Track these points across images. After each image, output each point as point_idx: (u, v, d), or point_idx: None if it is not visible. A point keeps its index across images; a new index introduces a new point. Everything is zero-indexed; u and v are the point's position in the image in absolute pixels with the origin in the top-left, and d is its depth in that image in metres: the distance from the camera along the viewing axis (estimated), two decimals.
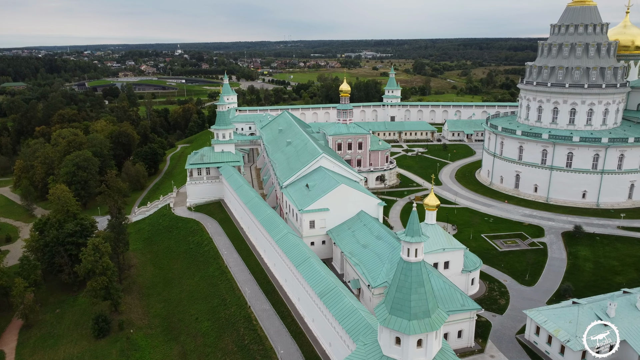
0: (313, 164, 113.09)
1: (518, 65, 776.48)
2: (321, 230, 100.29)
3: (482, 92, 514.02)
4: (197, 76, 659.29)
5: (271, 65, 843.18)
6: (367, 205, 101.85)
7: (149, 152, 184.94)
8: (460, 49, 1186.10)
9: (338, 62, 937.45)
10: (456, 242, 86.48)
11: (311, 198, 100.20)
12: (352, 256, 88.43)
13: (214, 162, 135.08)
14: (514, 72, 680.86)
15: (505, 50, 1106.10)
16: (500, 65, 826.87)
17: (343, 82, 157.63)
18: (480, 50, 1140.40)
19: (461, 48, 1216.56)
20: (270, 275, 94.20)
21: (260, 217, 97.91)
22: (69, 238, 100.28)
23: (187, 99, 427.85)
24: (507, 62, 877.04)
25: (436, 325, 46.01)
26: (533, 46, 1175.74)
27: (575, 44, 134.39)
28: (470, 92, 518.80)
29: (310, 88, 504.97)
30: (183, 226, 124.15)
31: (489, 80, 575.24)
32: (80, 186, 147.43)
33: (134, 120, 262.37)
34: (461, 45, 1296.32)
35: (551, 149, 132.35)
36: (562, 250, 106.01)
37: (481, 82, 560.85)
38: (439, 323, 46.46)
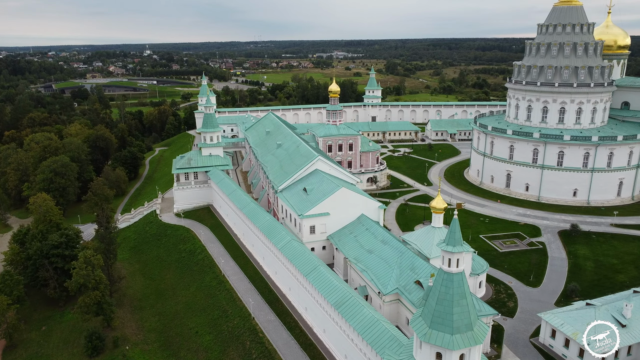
0: (309, 167, 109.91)
1: (487, 65, 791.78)
2: (322, 236, 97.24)
3: (455, 91, 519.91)
4: (168, 77, 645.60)
5: (243, 66, 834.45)
6: (368, 208, 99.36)
7: (129, 156, 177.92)
8: (430, 49, 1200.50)
9: (310, 62, 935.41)
10: (465, 245, 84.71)
11: (311, 202, 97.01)
12: (357, 262, 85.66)
13: (201, 166, 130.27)
14: (484, 72, 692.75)
15: (474, 50, 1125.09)
16: (470, 64, 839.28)
17: (332, 82, 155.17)
18: (449, 50, 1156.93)
19: (431, 48, 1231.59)
20: (272, 283, 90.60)
21: (259, 223, 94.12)
22: (54, 250, 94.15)
23: (160, 100, 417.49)
24: (477, 61, 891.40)
25: (479, 338, 43.67)
26: (501, 46, 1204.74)
27: (563, 44, 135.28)
28: (444, 91, 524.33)
29: (286, 88, 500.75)
30: (172, 234, 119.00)
31: (461, 80, 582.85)
32: (59, 193, 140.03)
33: (108, 123, 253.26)
34: (430, 45, 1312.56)
35: (542, 148, 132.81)
36: (561, 250, 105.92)
37: (453, 82, 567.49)
38: (482, 336, 44.14)
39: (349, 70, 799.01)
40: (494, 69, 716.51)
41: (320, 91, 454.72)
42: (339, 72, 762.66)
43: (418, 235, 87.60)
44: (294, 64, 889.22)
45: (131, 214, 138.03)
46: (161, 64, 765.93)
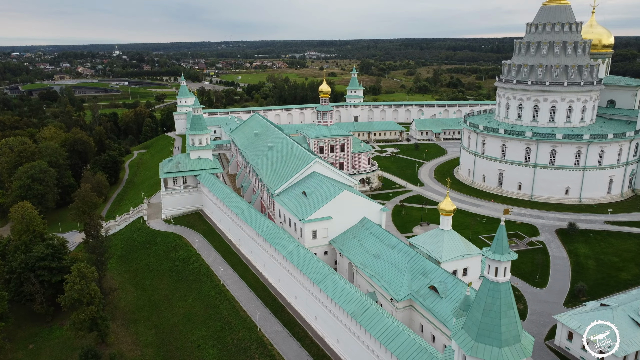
0: (306, 170, 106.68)
1: (459, 65, 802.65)
2: (324, 240, 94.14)
3: (431, 91, 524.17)
4: (140, 78, 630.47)
5: (216, 66, 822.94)
6: (370, 211, 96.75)
7: (109, 160, 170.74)
8: (401, 49, 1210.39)
9: (284, 62, 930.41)
10: (474, 248, 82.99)
11: (312, 206, 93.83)
12: (365, 267, 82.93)
13: (191, 169, 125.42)
14: (456, 72, 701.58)
15: (445, 50, 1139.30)
16: (443, 64, 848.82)
17: (324, 83, 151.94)
18: (421, 50, 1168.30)
19: (402, 48, 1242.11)
20: (275, 292, 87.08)
21: (260, 229, 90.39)
22: (39, 262, 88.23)
23: (134, 101, 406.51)
24: (448, 61, 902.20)
25: (528, 350, 41.51)
26: (471, 46, 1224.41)
27: (553, 43, 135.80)
28: (420, 91, 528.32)
29: (262, 89, 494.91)
30: (163, 241, 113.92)
31: (435, 80, 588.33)
32: (37, 200, 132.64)
33: (82, 126, 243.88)
34: (402, 45, 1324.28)
35: (535, 146, 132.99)
36: (561, 249, 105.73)
37: (428, 81, 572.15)
38: (530, 348, 42.00)
39: (322, 70, 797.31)
40: (466, 69, 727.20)
41: (298, 91, 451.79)
42: (313, 72, 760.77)
43: (426, 239, 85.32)
44: (268, 64, 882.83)
45: (116, 221, 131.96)
46: (132, 65, 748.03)
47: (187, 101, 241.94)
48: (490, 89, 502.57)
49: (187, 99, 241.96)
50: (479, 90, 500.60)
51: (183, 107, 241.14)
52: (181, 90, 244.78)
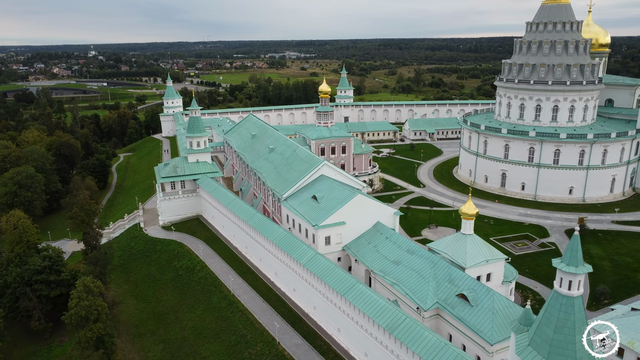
0: (314, 173, 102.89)
1: (439, 64, 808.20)
2: (337, 247, 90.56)
3: (414, 90, 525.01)
4: (118, 78, 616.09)
5: (196, 67, 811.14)
6: (383, 215, 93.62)
7: (97, 164, 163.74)
8: (381, 49, 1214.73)
9: (264, 62, 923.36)
10: (497, 252, 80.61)
11: (325, 211, 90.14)
12: (385, 274, 79.64)
13: (189, 173, 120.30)
14: (437, 71, 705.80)
15: (424, 50, 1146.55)
16: (422, 64, 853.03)
17: (324, 83, 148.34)
18: (400, 50, 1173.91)
19: (382, 48, 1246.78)
20: (291, 302, 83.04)
21: (273, 236, 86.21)
22: (36, 276, 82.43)
23: (114, 103, 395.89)
24: (428, 61, 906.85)
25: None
26: (449, 46, 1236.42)
27: (555, 42, 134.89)
28: (403, 90, 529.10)
29: (245, 89, 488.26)
30: (163, 249, 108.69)
31: (417, 79, 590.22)
32: (24, 208, 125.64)
33: (64, 128, 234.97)
34: (381, 45, 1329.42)
35: (538, 146, 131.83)
36: None
37: (410, 81, 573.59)
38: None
39: (304, 70, 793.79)
40: (447, 69, 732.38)
41: (282, 92, 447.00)
42: (295, 72, 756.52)
43: (447, 243, 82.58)
44: (248, 65, 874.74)
45: (110, 228, 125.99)
46: (109, 65, 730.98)
47: (174, 102, 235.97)
48: (472, 88, 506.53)
49: (173, 100, 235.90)
50: (462, 90, 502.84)
51: (170, 109, 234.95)
52: (167, 91, 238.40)
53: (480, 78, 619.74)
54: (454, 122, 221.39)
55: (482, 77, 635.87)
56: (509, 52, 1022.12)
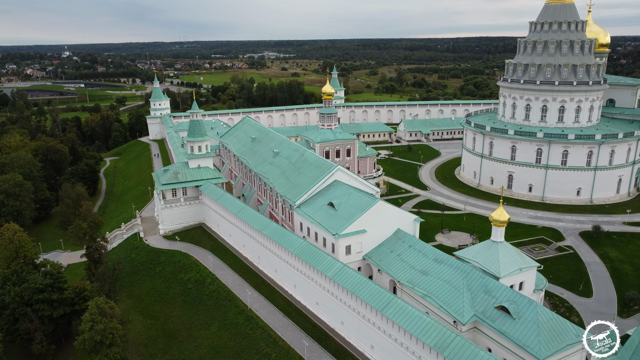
0: (327, 178, 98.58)
1: (419, 64, 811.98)
2: (357, 256, 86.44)
3: (397, 90, 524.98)
4: (95, 80, 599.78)
5: (175, 67, 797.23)
6: (403, 222, 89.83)
7: (87, 169, 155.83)
8: (360, 49, 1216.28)
9: (244, 62, 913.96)
10: (528, 260, 77.74)
11: (345, 219, 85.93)
12: (413, 286, 75.78)
13: (192, 180, 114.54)
14: (417, 71, 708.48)
15: (402, 50, 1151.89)
16: (402, 64, 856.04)
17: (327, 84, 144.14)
18: (379, 50, 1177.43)
19: (360, 48, 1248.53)
20: (314, 317, 78.52)
21: (292, 247, 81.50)
22: (38, 295, 75.98)
23: (93, 105, 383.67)
24: (407, 61, 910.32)
25: None
26: (427, 46, 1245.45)
27: (561, 42, 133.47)
28: (387, 91, 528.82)
29: (228, 90, 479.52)
30: (167, 260, 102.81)
31: (399, 79, 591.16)
32: (13, 218, 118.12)
33: (45, 132, 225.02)
34: (360, 45, 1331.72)
35: (546, 147, 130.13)
36: (592, 253, 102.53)
37: (392, 81, 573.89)
38: None
39: (285, 70, 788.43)
40: (427, 68, 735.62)
41: (267, 92, 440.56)
42: (276, 72, 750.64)
43: (477, 252, 79.24)
44: (228, 65, 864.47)
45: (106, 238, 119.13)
46: (85, 66, 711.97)
47: (162, 104, 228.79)
48: (455, 88, 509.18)
49: (161, 102, 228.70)
50: (445, 90, 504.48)
51: (157, 111, 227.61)
52: (154, 93, 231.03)
53: (461, 78, 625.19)
54: (449, 123, 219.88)
55: (462, 76, 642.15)
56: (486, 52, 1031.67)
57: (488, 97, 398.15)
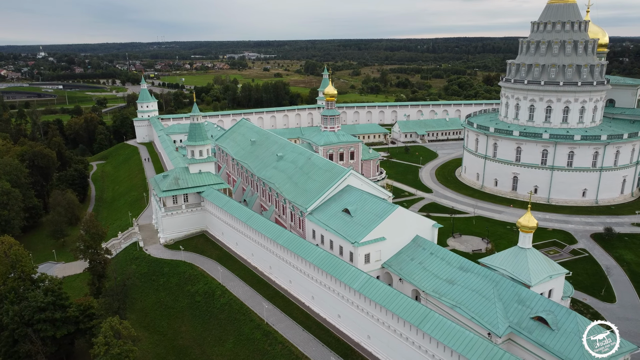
0: (340, 183, 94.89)
1: (400, 65, 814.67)
2: (376, 264, 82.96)
3: (382, 91, 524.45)
4: (74, 81, 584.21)
5: (155, 68, 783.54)
6: (422, 228, 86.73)
7: (76, 175, 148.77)
8: (340, 50, 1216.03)
9: (225, 63, 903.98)
10: (557, 266, 75.27)
11: (363, 227, 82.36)
12: (440, 296, 72.58)
13: (194, 186, 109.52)
14: (399, 71, 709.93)
15: (383, 50, 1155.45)
16: (384, 64, 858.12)
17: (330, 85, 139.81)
18: (360, 51, 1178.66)
19: (341, 49, 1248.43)
20: (336, 330, 74.61)
21: (311, 257, 77.49)
22: (39, 314, 70.45)
23: (73, 107, 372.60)
24: (389, 61, 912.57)
25: None
26: (407, 46, 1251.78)
27: (565, 42, 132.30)
28: (372, 91, 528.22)
29: (212, 91, 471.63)
30: (171, 271, 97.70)
31: (383, 80, 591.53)
32: (1, 228, 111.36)
33: (27, 135, 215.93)
34: (340, 46, 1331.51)
35: (552, 148, 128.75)
36: (606, 256, 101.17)
37: (376, 82, 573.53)
38: None
39: (267, 71, 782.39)
40: (409, 69, 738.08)
41: (252, 94, 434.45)
42: (258, 73, 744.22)
43: (504, 259, 76.40)
44: (209, 65, 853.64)
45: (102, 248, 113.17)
46: (62, 67, 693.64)
47: (149, 106, 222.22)
48: (439, 88, 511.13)
49: (148, 104, 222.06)
50: (430, 90, 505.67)
51: (144, 113, 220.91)
52: (141, 95, 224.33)
53: (444, 78, 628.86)
54: (443, 124, 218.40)
55: (445, 76, 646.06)
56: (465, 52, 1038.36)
57: (473, 97, 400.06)
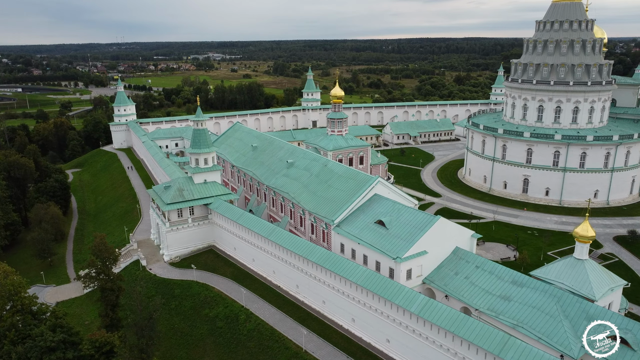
0: (368, 192, 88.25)
1: (367, 65, 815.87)
2: (417, 280, 76.85)
3: (355, 91, 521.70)
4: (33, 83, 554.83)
5: (118, 69, 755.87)
6: (461, 239, 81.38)
7: (57, 186, 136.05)
8: (306, 50, 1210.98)
9: (191, 64, 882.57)
10: (616, 277, 71.15)
11: (404, 240, 76.05)
12: (497, 314, 67.04)
13: (200, 197, 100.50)
14: (369, 72, 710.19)
15: (349, 51, 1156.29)
16: (351, 65, 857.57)
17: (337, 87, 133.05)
18: (326, 51, 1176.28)
19: (307, 49, 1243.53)
20: (385, 356, 67.87)
21: (354, 276, 70.42)
22: (48, 355, 60.58)
23: (36, 111, 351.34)
24: (356, 62, 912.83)
25: None
26: (372, 47, 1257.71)
27: (573, 41, 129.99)
28: (345, 92, 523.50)
29: (182, 93, 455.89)
30: (183, 293, 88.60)
31: (355, 80, 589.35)
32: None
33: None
34: (306, 46, 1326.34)
35: (564, 149, 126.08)
36: (636, 260, 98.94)
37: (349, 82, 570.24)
38: None
39: (235, 72, 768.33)
40: (378, 69, 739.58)
41: (226, 95, 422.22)
42: (226, 74, 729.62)
43: (560, 271, 71.53)
44: (174, 67, 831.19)
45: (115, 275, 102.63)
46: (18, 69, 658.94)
47: (127, 110, 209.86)
48: (412, 88, 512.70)
49: (126, 107, 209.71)
50: (402, 90, 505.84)
51: (122, 117, 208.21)
52: (118, 97, 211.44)
53: (414, 78, 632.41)
54: (435, 124, 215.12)
55: (414, 76, 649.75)
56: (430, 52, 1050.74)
57: (448, 97, 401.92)
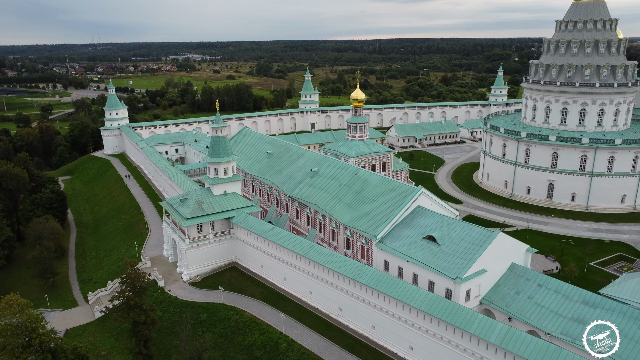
0: (411, 204, 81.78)
1: (350, 65, 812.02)
2: (475, 301, 70.70)
3: (342, 92, 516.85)
4: (8, 85, 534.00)
5: (97, 71, 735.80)
6: (517, 254, 75.61)
7: (54, 198, 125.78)
8: (287, 51, 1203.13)
9: (172, 65, 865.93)
10: None
11: (461, 257, 69.76)
12: (574, 339, 61.16)
13: (221, 211, 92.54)
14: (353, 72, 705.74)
15: (330, 51, 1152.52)
16: (334, 65, 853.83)
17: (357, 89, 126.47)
18: (307, 52, 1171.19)
19: (288, 50, 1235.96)
20: None
21: (416, 301, 63.65)
22: None
23: (15, 114, 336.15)
24: (338, 62, 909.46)
25: None
26: (353, 47, 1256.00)
27: (599, 41, 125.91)
28: (333, 92, 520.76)
29: (167, 95, 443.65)
30: (210, 318, 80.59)
31: (341, 81, 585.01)
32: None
33: None
34: (287, 47, 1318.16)
35: (592, 153, 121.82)
36: None
37: (337, 83, 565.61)
38: None
39: (217, 73, 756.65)
40: (362, 70, 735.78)
41: (213, 97, 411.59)
42: (208, 75, 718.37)
43: (633, 289, 66.33)
44: (155, 68, 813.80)
45: (107, 289, 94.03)
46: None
47: (119, 113, 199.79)
48: (400, 89, 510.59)
49: (118, 111, 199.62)
50: (391, 91, 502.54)
51: (113, 121, 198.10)
52: (110, 100, 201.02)
53: (399, 78, 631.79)
54: (439, 127, 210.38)
55: (399, 77, 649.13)
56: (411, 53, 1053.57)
57: (437, 97, 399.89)
